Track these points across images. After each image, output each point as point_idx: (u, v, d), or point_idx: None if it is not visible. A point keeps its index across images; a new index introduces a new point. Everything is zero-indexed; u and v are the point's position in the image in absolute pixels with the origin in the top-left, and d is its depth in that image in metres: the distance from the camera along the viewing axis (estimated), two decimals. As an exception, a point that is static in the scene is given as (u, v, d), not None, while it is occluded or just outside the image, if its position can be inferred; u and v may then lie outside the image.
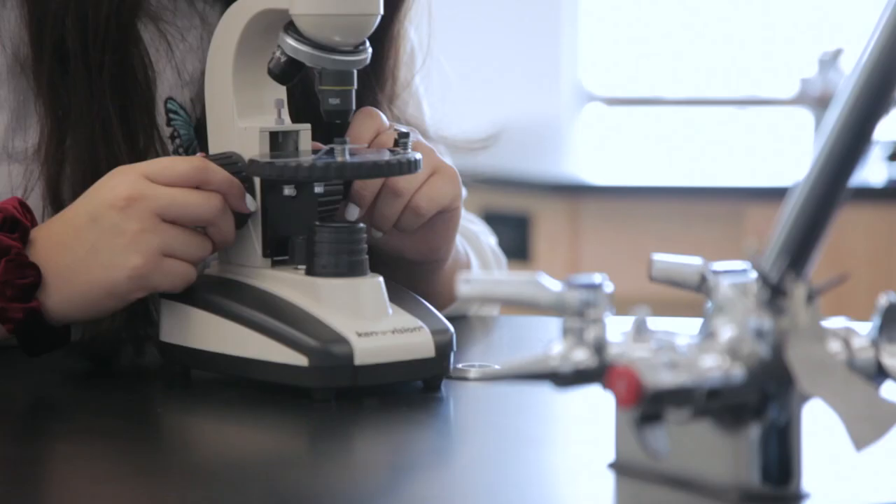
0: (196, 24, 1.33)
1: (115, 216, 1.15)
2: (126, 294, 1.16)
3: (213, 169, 1.17)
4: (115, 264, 1.15)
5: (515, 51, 4.99)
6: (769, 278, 0.88)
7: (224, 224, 1.17)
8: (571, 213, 2.89)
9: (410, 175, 1.21)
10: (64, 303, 1.17)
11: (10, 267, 1.15)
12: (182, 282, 1.17)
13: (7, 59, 1.25)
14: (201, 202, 1.16)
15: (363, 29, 1.17)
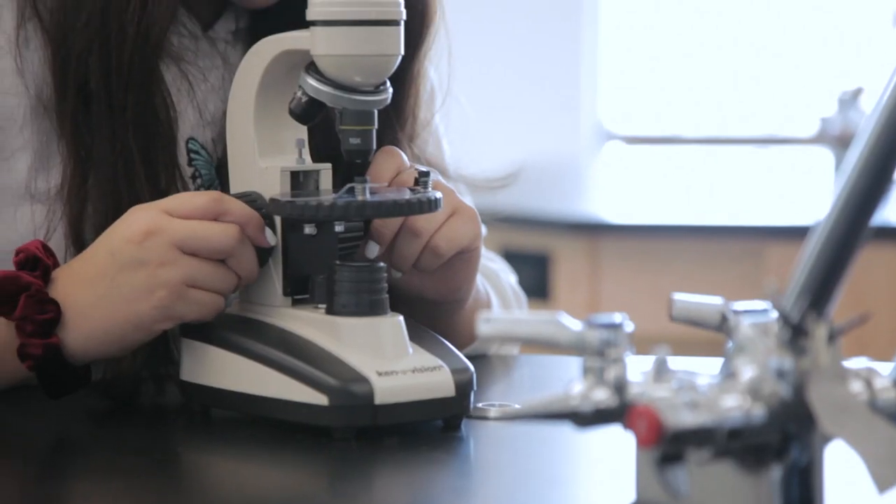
0: (218, 65, 1.34)
1: (133, 250, 1.15)
2: (152, 325, 1.16)
3: (230, 201, 1.17)
4: (139, 297, 1.15)
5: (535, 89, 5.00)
6: (790, 318, 0.88)
7: (244, 255, 1.17)
8: (591, 252, 2.89)
9: (430, 215, 1.21)
10: (85, 339, 1.17)
11: (30, 303, 1.16)
12: (210, 311, 1.17)
13: (31, 101, 1.25)
14: (219, 232, 1.16)
15: (384, 69, 1.17)
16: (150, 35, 1.24)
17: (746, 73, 5.01)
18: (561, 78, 5.04)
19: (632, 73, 5.12)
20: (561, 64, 5.04)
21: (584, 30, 5.10)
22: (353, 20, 1.15)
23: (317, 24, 1.16)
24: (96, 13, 1.23)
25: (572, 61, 5.06)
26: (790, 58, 4.98)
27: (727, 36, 5.06)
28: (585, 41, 5.09)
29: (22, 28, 1.24)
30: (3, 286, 1.16)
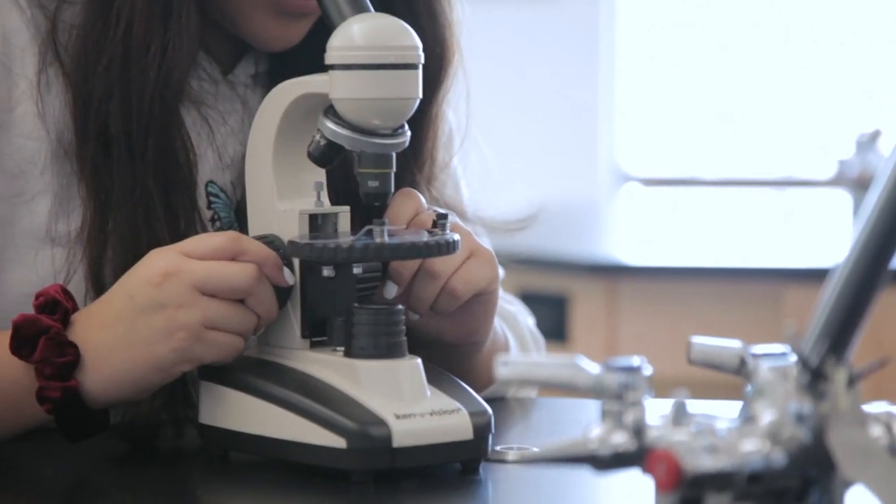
0: (237, 108, 1.34)
1: (152, 292, 1.15)
2: (171, 367, 1.16)
3: (248, 241, 1.17)
4: (158, 340, 1.15)
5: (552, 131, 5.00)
6: (809, 362, 0.88)
7: (263, 294, 1.17)
8: (609, 294, 2.89)
9: (447, 257, 1.21)
10: (104, 382, 1.17)
11: (50, 345, 1.16)
12: (229, 351, 1.16)
13: (51, 145, 1.26)
14: (237, 272, 1.16)
15: (402, 113, 1.18)
16: (170, 79, 1.24)
17: (764, 115, 5.02)
18: (578, 120, 5.05)
19: (649, 114, 5.13)
20: (578, 106, 5.05)
21: (602, 72, 5.11)
22: (371, 64, 1.15)
23: (335, 68, 1.16)
24: (117, 58, 1.23)
25: (590, 103, 5.07)
26: (808, 100, 4.98)
27: (745, 78, 5.06)
28: (603, 83, 5.10)
29: (43, 73, 1.25)
30: (22, 329, 1.16)
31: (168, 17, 1.24)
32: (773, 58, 5.05)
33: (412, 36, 1.17)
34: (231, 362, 1.20)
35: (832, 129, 4.86)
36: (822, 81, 5.00)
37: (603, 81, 5.12)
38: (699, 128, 5.07)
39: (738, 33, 5.08)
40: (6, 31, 1.24)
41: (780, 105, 5.02)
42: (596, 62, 5.11)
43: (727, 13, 5.09)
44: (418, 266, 1.23)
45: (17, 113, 1.25)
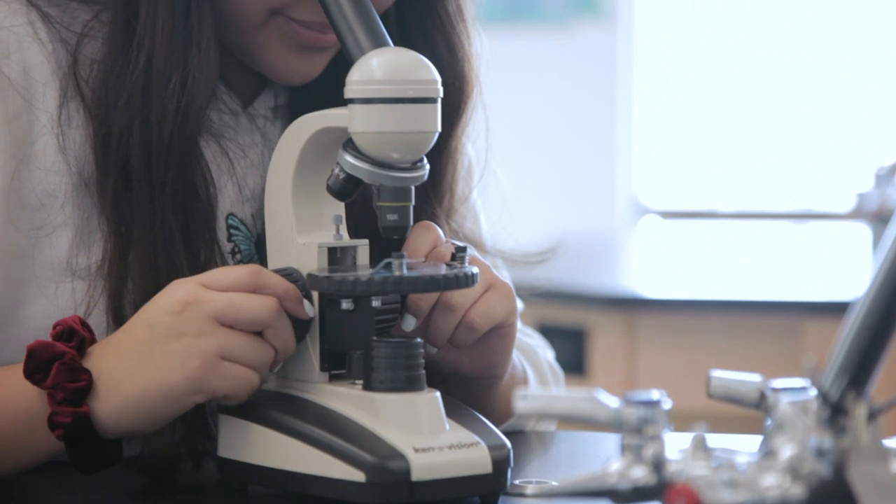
0: (257, 141, 1.35)
1: (170, 320, 1.15)
2: (183, 397, 1.15)
3: (268, 274, 1.17)
4: (172, 367, 1.14)
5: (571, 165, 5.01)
6: (829, 396, 0.88)
7: (282, 327, 1.17)
8: (628, 327, 2.88)
9: (465, 290, 1.21)
10: (115, 410, 1.16)
11: (63, 370, 1.15)
12: (243, 386, 1.15)
13: (72, 178, 1.26)
14: (257, 304, 1.15)
15: (421, 146, 1.18)
16: (190, 112, 1.24)
17: (782, 147, 5.01)
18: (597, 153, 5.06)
19: (667, 147, 5.13)
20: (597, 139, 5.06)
21: (620, 105, 5.12)
22: (390, 98, 1.16)
23: (354, 101, 1.16)
24: (138, 91, 1.24)
25: (608, 137, 5.07)
26: (827, 133, 4.98)
27: (764, 111, 5.06)
28: (621, 117, 5.11)
29: (64, 107, 1.26)
30: (36, 354, 1.16)
31: (188, 51, 1.24)
32: (792, 91, 5.05)
33: (431, 70, 1.17)
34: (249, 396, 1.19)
35: (851, 162, 4.86)
36: (841, 114, 5.00)
37: (621, 115, 5.13)
38: (718, 161, 5.07)
39: (758, 66, 5.08)
40: (27, 66, 1.25)
41: (799, 138, 5.02)
42: (614, 96, 5.12)
43: (746, 46, 5.10)
44: (436, 299, 1.23)
45: (38, 146, 1.25)
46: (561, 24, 5.12)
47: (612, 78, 5.09)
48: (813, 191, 4.87)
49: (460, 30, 1.36)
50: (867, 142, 4.86)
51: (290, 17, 1.27)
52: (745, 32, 5.10)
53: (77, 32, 1.27)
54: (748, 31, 5.09)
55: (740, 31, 5.10)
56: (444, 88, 1.19)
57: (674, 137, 5.12)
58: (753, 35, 5.09)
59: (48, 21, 1.26)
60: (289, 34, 1.28)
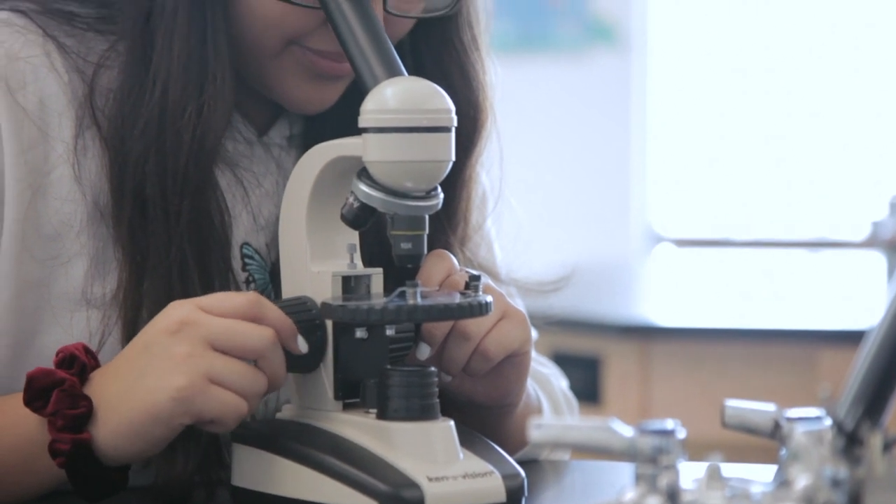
0: (272, 170, 1.35)
1: (165, 340, 1.14)
2: (169, 419, 1.14)
3: (268, 305, 1.17)
4: (159, 386, 1.13)
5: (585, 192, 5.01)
6: (844, 426, 0.87)
7: (275, 359, 1.16)
8: (642, 356, 2.88)
9: (479, 318, 1.21)
10: (112, 434, 1.15)
11: (62, 397, 1.15)
12: (230, 412, 1.14)
13: (87, 207, 1.26)
14: (253, 333, 1.15)
15: (435, 175, 1.18)
16: (205, 141, 1.25)
17: (797, 176, 5.01)
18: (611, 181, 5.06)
19: (681, 175, 5.13)
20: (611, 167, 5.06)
21: (634, 133, 5.12)
22: (404, 127, 1.16)
23: (369, 130, 1.17)
24: (153, 120, 1.24)
25: (622, 164, 5.07)
26: (841, 161, 4.98)
27: (778, 139, 5.06)
28: (635, 144, 5.11)
29: (80, 136, 1.26)
30: (36, 381, 1.16)
31: (203, 81, 1.25)
32: (806, 119, 5.05)
33: (445, 99, 1.17)
34: (262, 425, 1.19)
35: (865, 190, 4.85)
36: (855, 143, 5.00)
37: (635, 143, 5.13)
38: (732, 189, 5.07)
39: (772, 95, 5.09)
40: (43, 97, 1.25)
41: (813, 166, 5.02)
42: (628, 124, 5.12)
43: (761, 74, 5.10)
44: (451, 328, 1.23)
45: (54, 176, 1.25)
46: (575, 53, 5.13)
47: (626, 106, 5.10)
48: (827, 219, 4.87)
49: (475, 59, 1.37)
50: (881, 170, 4.86)
51: (305, 46, 1.27)
52: (760, 60, 5.10)
53: (93, 62, 1.27)
54: (762, 58, 5.10)
55: (754, 59, 5.10)
56: (459, 117, 1.19)
57: (688, 165, 5.12)
58: (768, 63, 5.09)
59: (64, 51, 1.27)
60: (304, 63, 1.28)
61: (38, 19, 1.27)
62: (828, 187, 4.95)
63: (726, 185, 5.06)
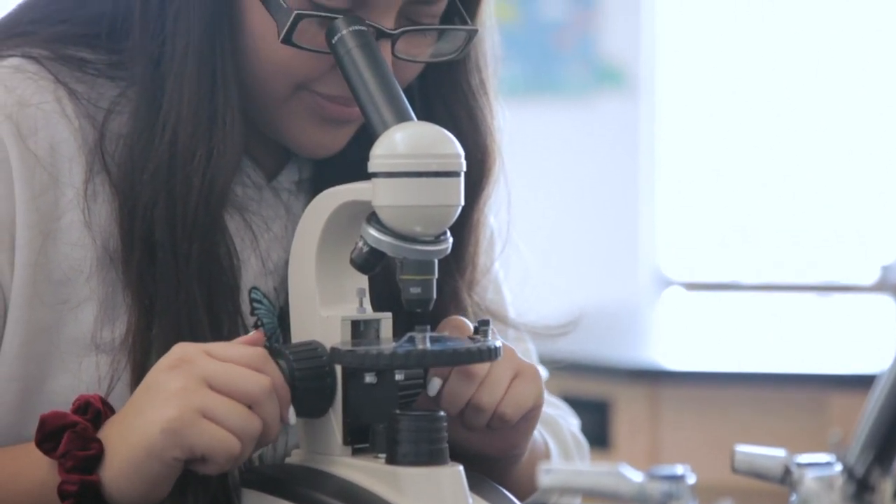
0: (281, 215, 1.35)
1: (162, 375, 1.14)
2: (161, 451, 1.13)
3: (273, 366, 1.17)
4: (152, 420, 1.13)
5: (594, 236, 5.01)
6: (855, 471, 0.87)
7: (270, 407, 1.15)
8: (651, 400, 2.87)
9: (493, 385, 1.21)
10: (117, 475, 1.15)
11: (73, 438, 1.15)
12: (222, 448, 1.13)
13: (97, 252, 1.26)
14: (250, 378, 1.15)
15: (444, 220, 1.18)
16: (214, 186, 1.25)
17: (806, 220, 5.01)
18: (619, 225, 5.06)
19: (690, 219, 5.13)
20: (619, 211, 5.07)
21: (642, 177, 5.13)
22: (413, 172, 1.16)
23: (378, 175, 1.17)
24: (163, 165, 1.25)
25: (630, 208, 5.08)
26: (850, 206, 4.98)
27: (788, 183, 5.07)
28: (643, 188, 5.11)
29: (90, 182, 1.26)
30: (48, 423, 1.16)
31: (213, 125, 1.25)
32: (815, 163, 5.06)
33: (454, 144, 1.18)
34: (271, 469, 1.19)
35: (875, 234, 4.85)
36: (864, 187, 5.00)
37: (644, 186, 5.13)
38: (741, 232, 5.07)
39: (781, 139, 5.09)
40: (54, 142, 1.26)
41: (822, 210, 5.02)
42: (636, 167, 5.13)
43: (768, 119, 5.11)
44: (466, 402, 1.22)
45: (64, 221, 1.26)
46: (583, 96, 5.14)
47: (635, 149, 5.10)
48: (837, 263, 4.86)
49: (483, 103, 1.37)
50: (891, 215, 4.86)
51: (314, 91, 1.28)
52: (768, 104, 5.11)
53: (104, 108, 1.28)
54: (771, 103, 5.11)
55: (763, 104, 5.11)
56: (467, 161, 1.19)
57: (697, 209, 5.12)
58: (777, 108, 5.10)
59: (75, 97, 1.27)
60: (313, 108, 1.29)
61: (50, 66, 1.28)
62: (837, 232, 4.95)
63: (735, 228, 5.06)
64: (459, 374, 1.23)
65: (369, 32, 1.23)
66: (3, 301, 1.24)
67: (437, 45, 1.31)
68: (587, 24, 5.18)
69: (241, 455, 1.14)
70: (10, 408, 1.25)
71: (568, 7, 5.20)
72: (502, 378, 1.22)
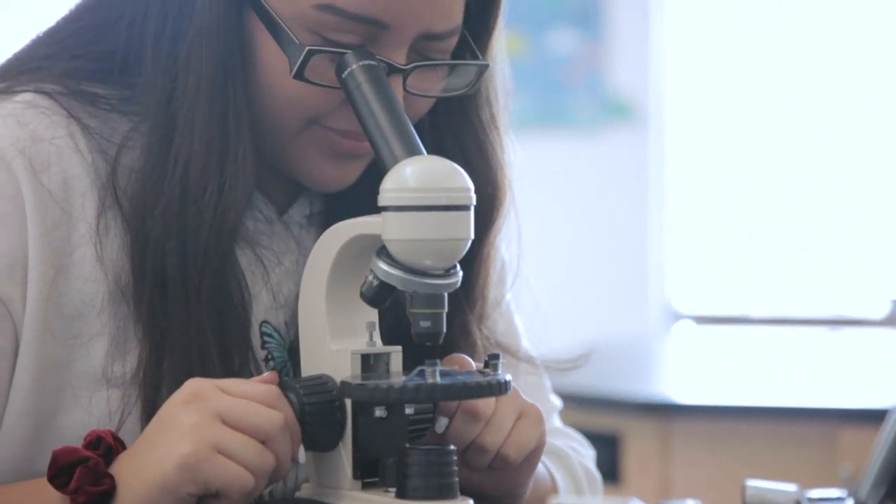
0: (292, 249, 1.35)
1: (176, 410, 1.14)
2: (176, 487, 1.13)
3: (285, 402, 1.17)
4: (167, 455, 1.13)
5: (604, 270, 5.01)
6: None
7: (283, 442, 1.15)
8: (662, 433, 2.86)
9: (498, 423, 1.21)
10: None
11: (85, 473, 1.15)
12: (236, 483, 1.13)
13: (109, 286, 1.27)
14: (263, 412, 1.15)
15: (454, 253, 1.18)
16: (226, 220, 1.25)
17: (816, 253, 5.01)
18: (629, 258, 5.06)
19: (700, 252, 5.13)
20: (629, 244, 5.07)
21: (651, 210, 5.13)
22: (423, 206, 1.16)
23: (388, 209, 1.17)
24: (174, 199, 1.25)
25: (640, 242, 5.08)
26: (860, 239, 4.97)
27: (798, 217, 5.07)
28: (652, 222, 5.11)
29: (102, 216, 1.27)
30: (60, 458, 1.16)
31: (224, 160, 1.25)
32: (826, 197, 5.06)
33: (464, 178, 1.18)
34: (283, 503, 1.18)
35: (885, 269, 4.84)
36: (874, 221, 5.00)
37: (653, 219, 5.13)
38: (751, 266, 5.07)
39: (791, 172, 5.10)
40: (67, 177, 1.26)
41: (832, 244, 5.02)
42: (646, 200, 5.13)
43: (777, 152, 5.11)
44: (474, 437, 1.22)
45: (77, 256, 1.26)
46: (592, 130, 5.15)
47: (644, 182, 5.11)
48: (847, 297, 4.86)
49: (493, 137, 1.37)
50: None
51: (325, 125, 1.28)
52: (777, 138, 5.11)
53: (116, 143, 1.28)
54: (780, 136, 5.11)
55: (772, 137, 5.12)
56: (477, 195, 1.19)
57: (707, 242, 5.12)
58: (786, 141, 5.11)
59: (88, 132, 1.28)
60: (324, 142, 1.29)
61: (63, 101, 1.28)
62: (847, 265, 4.95)
63: (745, 262, 5.06)
64: (465, 414, 1.22)
65: (380, 67, 1.24)
66: (14, 335, 1.24)
67: (449, 80, 1.31)
68: (596, 57, 5.19)
69: (255, 490, 1.15)
70: (21, 442, 1.25)
71: (577, 40, 5.22)
72: (506, 419, 1.22)
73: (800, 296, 4.94)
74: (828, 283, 4.94)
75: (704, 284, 5.09)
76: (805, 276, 4.98)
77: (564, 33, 5.22)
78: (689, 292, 5.09)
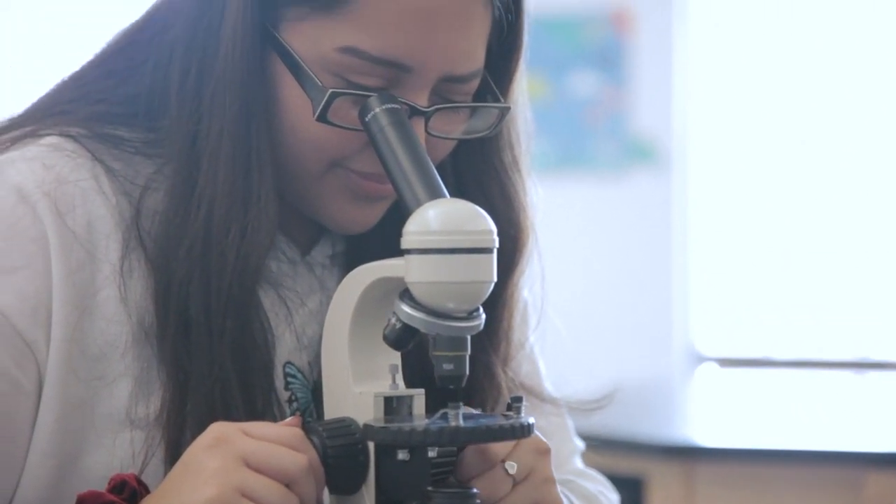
0: (315, 290, 1.36)
1: (201, 455, 1.14)
2: None
3: (309, 444, 1.17)
4: (192, 500, 1.13)
5: (627, 312, 5.00)
6: (892, 550, 0.86)
7: (307, 485, 1.15)
8: (686, 477, 2.85)
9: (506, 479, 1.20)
10: None
11: None
12: None
13: (132, 328, 1.27)
14: (287, 455, 1.15)
15: (477, 296, 1.18)
16: (249, 261, 1.26)
17: (841, 296, 4.99)
18: (653, 300, 5.05)
19: (724, 295, 5.12)
20: (652, 286, 5.06)
21: (675, 252, 5.12)
22: (446, 248, 1.16)
23: (411, 252, 1.17)
24: (198, 241, 1.25)
25: (664, 284, 5.07)
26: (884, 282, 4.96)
27: (822, 260, 5.05)
28: (676, 264, 5.11)
29: (126, 258, 1.27)
30: (85, 502, 1.16)
31: (248, 202, 1.26)
32: (850, 241, 5.05)
33: (486, 220, 1.18)
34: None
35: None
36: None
37: (676, 261, 5.13)
38: (775, 308, 5.05)
39: (815, 214, 5.09)
40: (91, 219, 1.27)
41: (857, 287, 5.00)
42: (669, 243, 5.13)
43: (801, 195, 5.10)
44: None
45: (101, 298, 1.26)
46: (615, 172, 5.15)
47: (668, 224, 5.11)
48: (872, 340, 4.84)
49: (516, 180, 1.37)
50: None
51: (348, 168, 1.29)
52: (800, 181, 5.11)
53: (140, 185, 1.29)
54: (804, 178, 5.10)
55: (794, 179, 5.11)
56: (500, 237, 1.19)
57: (730, 285, 5.11)
58: (809, 183, 5.10)
59: (112, 175, 1.28)
60: (347, 185, 1.29)
61: (88, 143, 1.29)
62: (872, 308, 4.93)
63: (769, 304, 5.05)
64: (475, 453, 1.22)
65: (402, 110, 1.24)
66: (38, 377, 1.25)
67: (470, 123, 1.32)
68: (618, 99, 5.20)
69: None
70: (45, 484, 1.25)
71: (599, 83, 5.23)
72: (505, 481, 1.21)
73: (824, 338, 4.93)
74: (852, 325, 4.92)
75: (728, 327, 5.07)
76: (829, 318, 4.97)
77: (586, 75, 5.23)
78: (712, 335, 5.08)
